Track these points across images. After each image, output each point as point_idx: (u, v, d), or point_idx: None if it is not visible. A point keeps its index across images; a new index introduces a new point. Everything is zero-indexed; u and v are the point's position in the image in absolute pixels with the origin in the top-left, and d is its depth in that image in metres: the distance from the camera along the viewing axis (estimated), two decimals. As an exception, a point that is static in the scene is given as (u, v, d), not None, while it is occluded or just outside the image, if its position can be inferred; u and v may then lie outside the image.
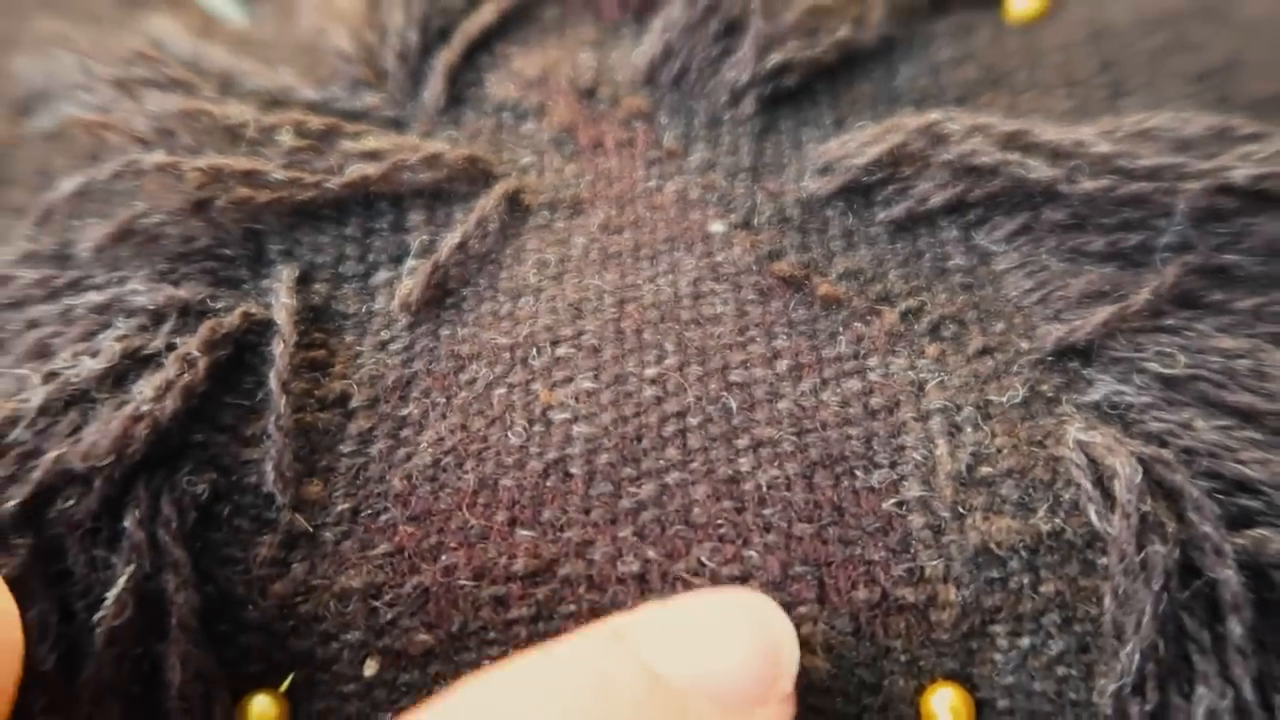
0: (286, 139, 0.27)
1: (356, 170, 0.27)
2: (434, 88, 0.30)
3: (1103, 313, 0.25)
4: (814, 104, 0.31)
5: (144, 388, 0.22)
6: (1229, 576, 0.21)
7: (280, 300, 0.25)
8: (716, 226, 0.28)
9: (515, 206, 0.28)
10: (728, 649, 0.19)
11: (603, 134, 0.30)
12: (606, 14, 0.33)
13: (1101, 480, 0.22)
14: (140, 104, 0.27)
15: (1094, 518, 0.22)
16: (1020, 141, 0.27)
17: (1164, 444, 0.23)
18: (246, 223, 0.27)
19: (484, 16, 0.31)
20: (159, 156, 0.25)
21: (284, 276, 0.26)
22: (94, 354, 0.23)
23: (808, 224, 0.28)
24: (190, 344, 0.23)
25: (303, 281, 0.26)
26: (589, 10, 0.33)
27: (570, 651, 0.19)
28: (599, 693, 0.17)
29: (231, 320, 0.24)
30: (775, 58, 0.30)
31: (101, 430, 0.22)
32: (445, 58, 0.31)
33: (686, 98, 0.31)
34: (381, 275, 0.27)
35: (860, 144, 0.28)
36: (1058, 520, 0.22)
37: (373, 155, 0.28)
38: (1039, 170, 0.26)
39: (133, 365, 0.23)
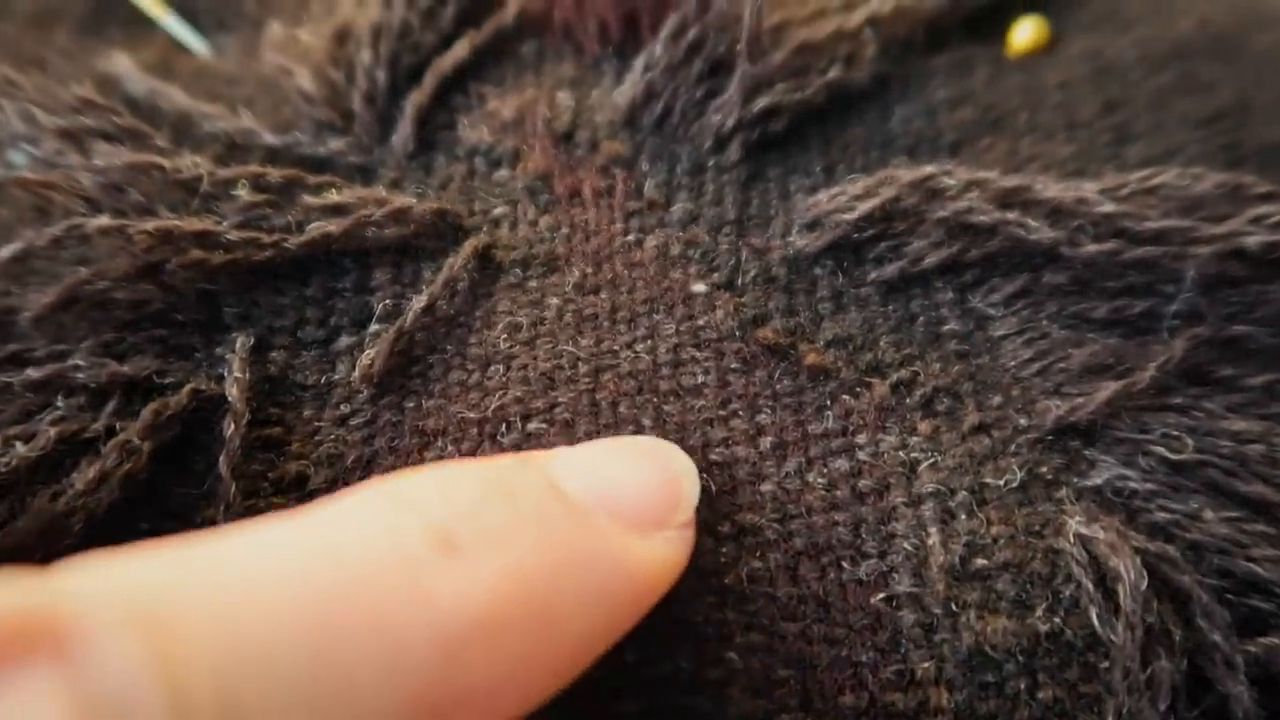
0: (243, 194, 0.26)
1: (317, 228, 0.25)
2: (403, 132, 0.29)
3: (1106, 390, 0.23)
4: (803, 149, 0.29)
5: (78, 479, 0.21)
6: (1240, 692, 0.19)
7: (233, 374, 0.24)
8: (698, 287, 0.26)
9: (486, 264, 0.27)
10: (630, 474, 0.20)
11: (580, 182, 0.28)
12: (587, 49, 0.31)
13: (1104, 580, 0.21)
14: (88, 157, 0.25)
15: (1096, 622, 0.21)
16: (1019, 198, 0.26)
17: (1170, 537, 0.22)
18: (200, 285, 0.25)
19: (457, 54, 0.30)
20: (104, 220, 0.24)
21: (238, 346, 0.24)
22: (28, 438, 0.22)
23: (795, 284, 0.26)
24: (132, 429, 0.22)
25: (259, 349, 0.25)
26: (569, 44, 0.31)
27: (479, 463, 0.20)
28: (502, 493, 0.18)
29: (179, 399, 0.23)
30: (762, 101, 0.28)
31: (29, 525, 0.20)
32: (416, 99, 0.29)
33: (669, 142, 0.29)
34: (344, 341, 0.25)
35: (851, 198, 0.27)
36: (1057, 620, 0.21)
37: (335, 210, 0.26)
38: (1039, 231, 0.25)
39: (70, 451, 0.22)
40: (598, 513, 0.19)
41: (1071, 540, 0.22)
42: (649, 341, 0.25)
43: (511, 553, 0.17)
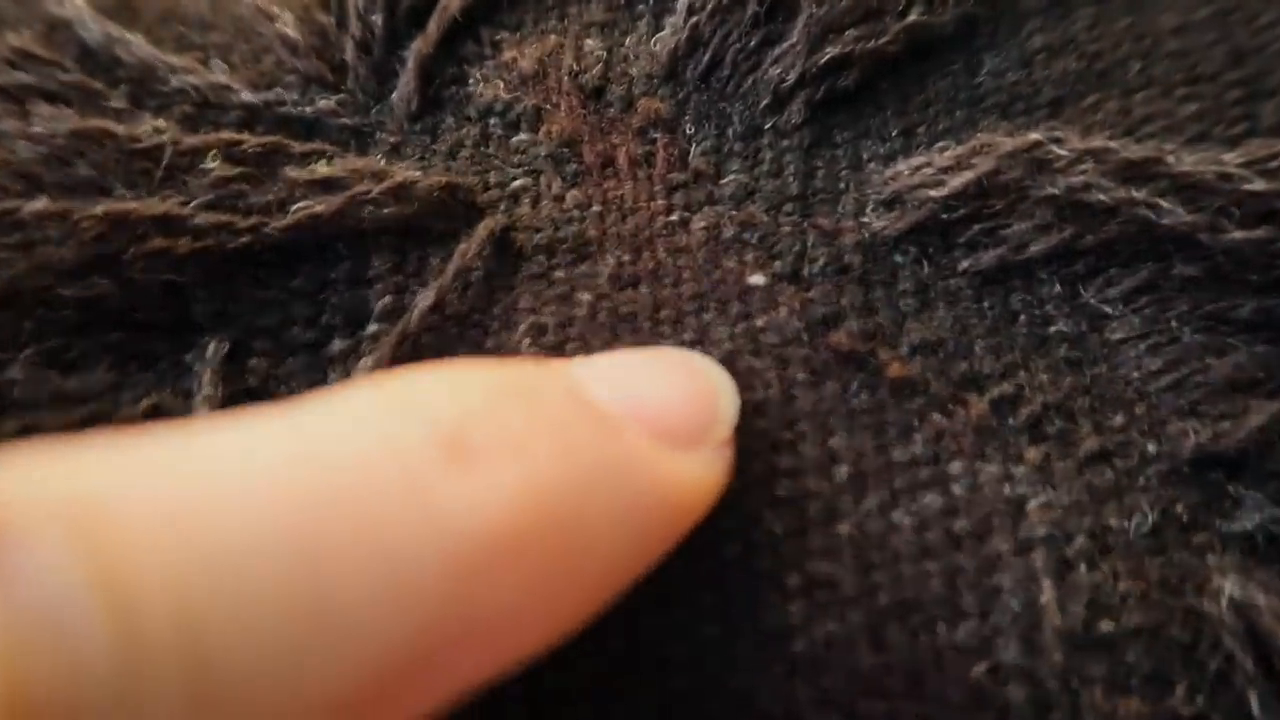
0: (214, 167, 0.21)
1: (303, 208, 0.21)
2: (405, 87, 0.24)
3: (1257, 413, 0.19)
4: (877, 108, 0.25)
5: None
6: None
7: (203, 389, 0.20)
8: (757, 278, 0.22)
9: (504, 250, 0.22)
10: (663, 384, 0.18)
11: (613, 148, 0.24)
12: (618, -14, 0.26)
13: (1267, 656, 0.17)
14: (26, 123, 0.21)
15: (1256, 707, 0.17)
16: (1147, 173, 0.21)
17: (1342, 600, 0.18)
18: (165, 277, 0.21)
19: (466, -8, 0.25)
20: (44, 202, 0.20)
21: (209, 353, 0.20)
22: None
23: (872, 275, 0.22)
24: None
25: (236, 355, 0.21)
26: (597, -20, 0.26)
27: (493, 365, 0.17)
28: (521, 396, 0.16)
29: (134, 417, 0.19)
30: (830, 51, 0.24)
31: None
32: (419, 47, 0.24)
33: (718, 99, 0.25)
34: (336, 345, 0.21)
35: (938, 170, 0.22)
36: (1201, 701, 0.17)
37: (325, 185, 0.22)
38: (1173, 214, 0.21)
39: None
40: (628, 424, 0.17)
41: (1223, 604, 0.18)
42: (698, 348, 0.21)
43: (531, 461, 0.15)
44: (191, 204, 0.21)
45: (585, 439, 0.16)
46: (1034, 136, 0.22)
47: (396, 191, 0.22)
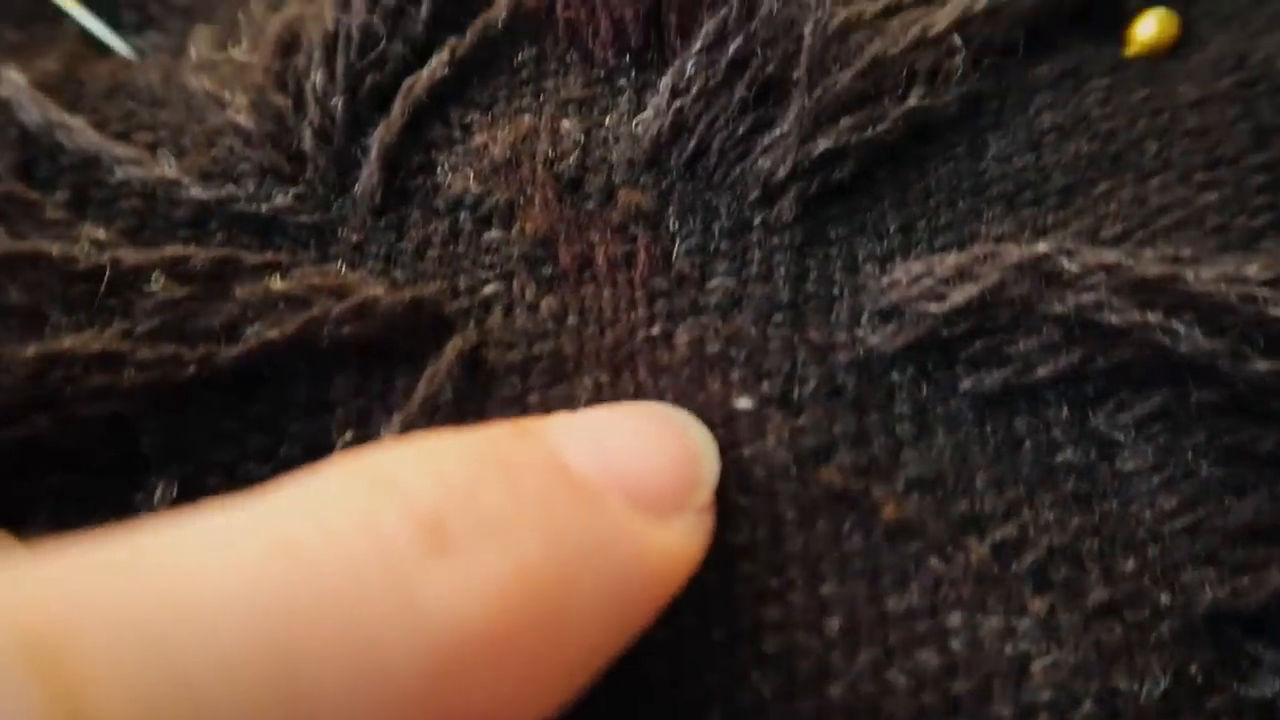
0: (159, 288, 0.20)
1: (255, 335, 0.20)
2: (368, 180, 0.23)
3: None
4: (873, 198, 0.23)
5: None
6: None
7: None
8: (743, 402, 0.21)
9: (475, 370, 0.21)
10: (644, 449, 0.18)
11: (591, 247, 0.22)
12: (598, 57, 0.24)
13: None
14: (-48, 245, 0.20)
15: None
16: (1163, 291, 0.20)
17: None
18: (110, 410, 0.20)
19: (434, 70, 0.23)
20: (-29, 345, 0.18)
21: (157, 498, 0.19)
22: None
23: (866, 398, 0.21)
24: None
25: (188, 492, 0.20)
26: (575, 51, 0.25)
27: (471, 434, 0.16)
28: (501, 472, 0.15)
29: None
30: (824, 142, 0.22)
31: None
32: (382, 135, 0.23)
33: (703, 189, 0.23)
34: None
35: (939, 281, 0.21)
36: None
37: (281, 302, 0.20)
38: (1191, 340, 0.19)
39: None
40: (610, 494, 0.16)
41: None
42: (681, 481, 0.20)
43: (514, 548, 0.14)
44: (136, 331, 0.20)
45: (568, 516, 0.16)
46: (1042, 248, 0.20)
47: (358, 310, 0.20)
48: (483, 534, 0.14)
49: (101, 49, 0.27)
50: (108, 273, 0.20)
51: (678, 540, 0.17)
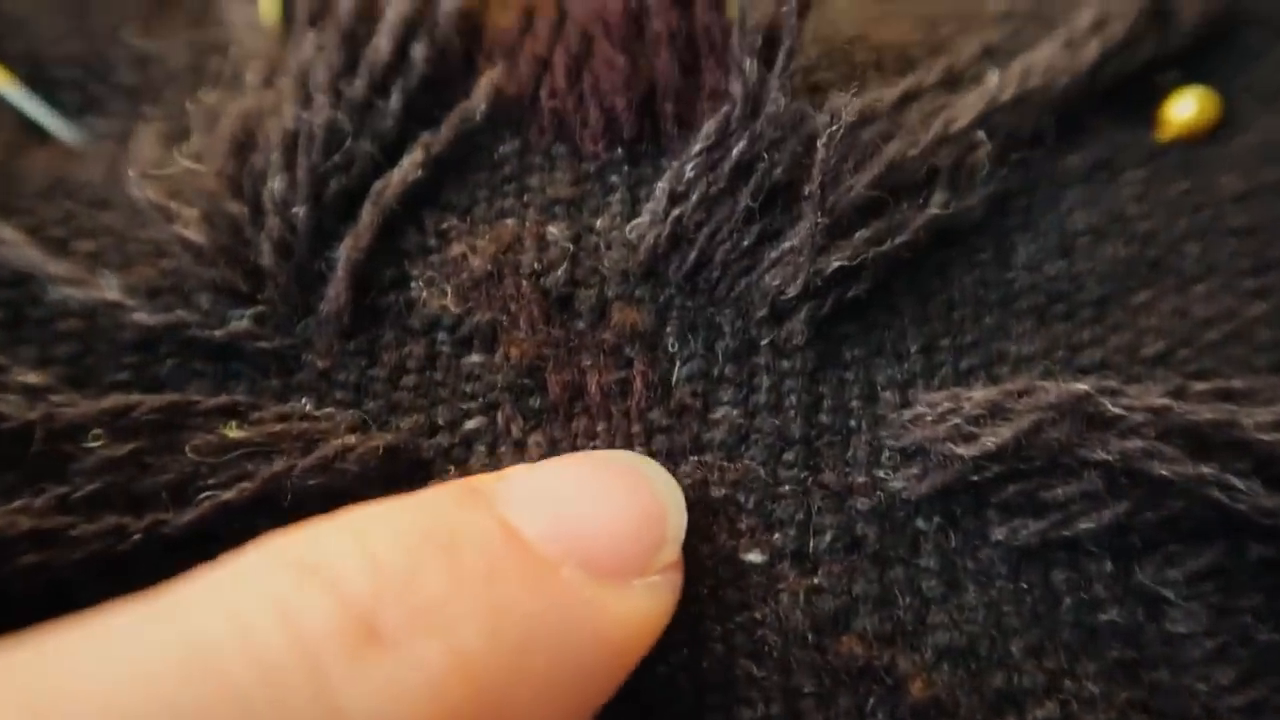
0: (99, 446, 0.18)
1: (209, 499, 0.18)
2: (335, 299, 0.20)
3: (1352, 763, 0.16)
4: (891, 313, 0.21)
5: None
6: None
7: None
8: (753, 555, 0.19)
9: (455, 523, 0.19)
10: (605, 509, 0.17)
11: (583, 375, 0.20)
12: (587, 149, 0.22)
13: None
14: None
15: None
16: (1220, 437, 0.18)
17: None
18: (48, 579, 0.17)
19: (407, 172, 0.21)
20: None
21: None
22: None
23: (889, 551, 0.19)
24: None
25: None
26: (562, 143, 0.22)
27: (414, 502, 0.16)
28: (443, 549, 0.14)
29: None
30: (838, 257, 0.20)
31: None
32: (350, 248, 0.21)
33: (706, 304, 0.21)
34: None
35: (967, 418, 0.19)
36: None
37: (240, 455, 0.18)
38: (1251, 496, 0.17)
39: None
40: (564, 564, 0.15)
41: None
42: (684, 650, 0.18)
43: (454, 637, 0.13)
44: (73, 497, 0.17)
45: (516, 595, 0.14)
46: (1082, 387, 0.18)
47: (326, 465, 0.18)
48: (419, 623, 0.13)
49: (39, 133, 0.24)
50: (38, 434, 0.18)
51: (640, 605, 0.16)
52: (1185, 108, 0.23)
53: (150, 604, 0.13)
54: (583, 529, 0.16)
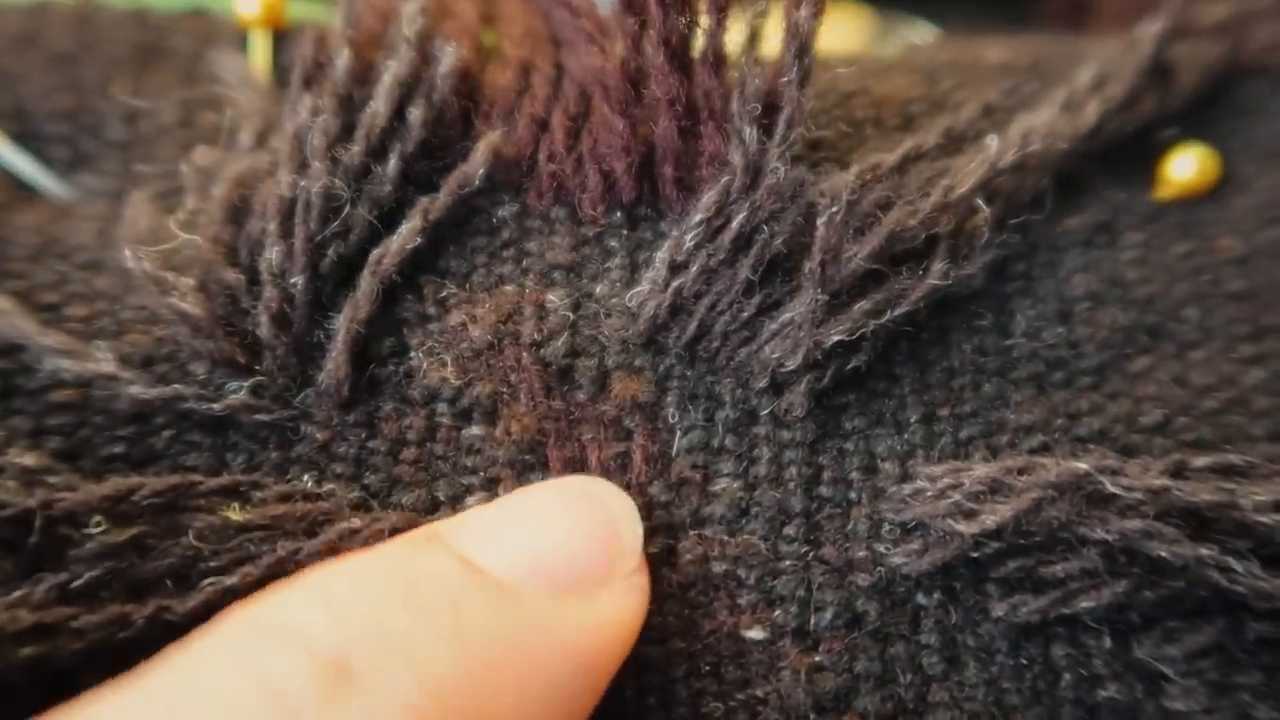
0: (99, 532, 0.18)
1: (214, 585, 0.18)
2: (334, 371, 0.20)
3: None
4: (891, 381, 0.21)
5: None
6: None
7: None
8: (754, 633, 0.19)
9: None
10: (559, 530, 0.17)
11: (583, 449, 0.20)
12: (586, 212, 0.22)
13: None
14: None
15: None
16: (1221, 518, 0.18)
17: None
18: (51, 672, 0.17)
19: (405, 238, 0.21)
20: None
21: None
22: None
23: (890, 627, 0.19)
24: None
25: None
26: (560, 206, 0.22)
27: (375, 555, 0.16)
28: (403, 590, 0.15)
29: None
30: (837, 331, 0.20)
31: None
32: (349, 318, 0.20)
33: (705, 373, 0.21)
34: None
35: (968, 495, 0.19)
36: None
37: (243, 537, 0.18)
38: (1250, 578, 0.17)
39: None
40: (525, 586, 0.16)
41: None
42: (689, 730, 0.18)
43: (423, 664, 0.14)
44: (73, 587, 0.17)
45: (480, 618, 0.15)
46: (1082, 467, 0.18)
47: (332, 548, 0.18)
48: (387, 657, 0.14)
49: (28, 190, 0.24)
50: (36, 522, 0.17)
51: (609, 611, 0.17)
52: (1185, 167, 0.23)
53: (132, 692, 0.14)
54: (538, 550, 0.17)
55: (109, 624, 0.17)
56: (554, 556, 0.17)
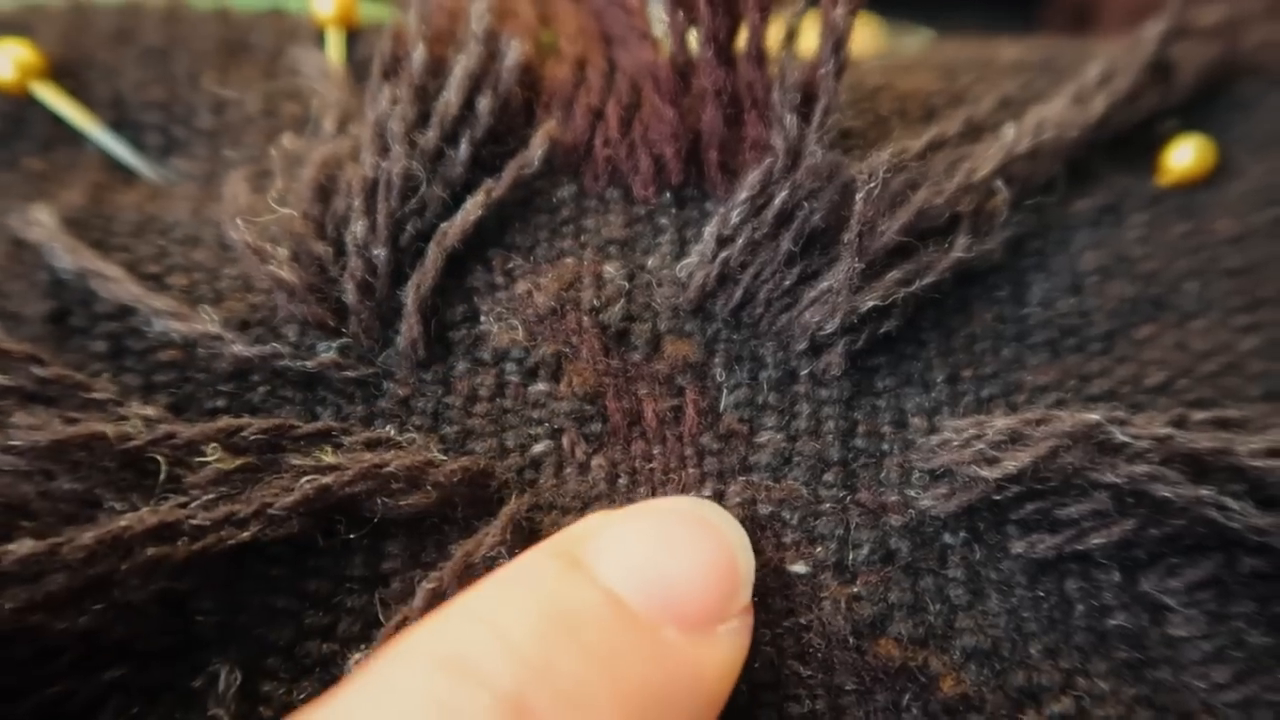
0: (214, 459, 0.20)
1: (310, 484, 0.20)
2: (410, 332, 0.22)
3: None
4: (919, 345, 0.23)
5: None
6: None
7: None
8: (798, 567, 0.21)
9: (528, 537, 0.21)
10: (686, 563, 0.18)
11: (639, 403, 0.22)
12: (639, 193, 0.24)
13: None
14: (4, 434, 0.19)
15: None
16: (1217, 466, 0.20)
17: None
18: (163, 588, 0.19)
19: (468, 214, 0.23)
20: (27, 545, 0.18)
21: (221, 686, 0.19)
22: None
23: (919, 562, 0.21)
24: None
25: (249, 681, 0.19)
26: (615, 188, 0.24)
27: (527, 582, 0.17)
28: (567, 631, 0.16)
29: None
30: (871, 298, 0.22)
31: None
32: (417, 285, 0.22)
33: (750, 337, 0.23)
34: (357, 657, 0.20)
35: (990, 444, 0.21)
36: None
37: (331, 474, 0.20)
38: (1244, 516, 0.19)
39: None
40: (662, 625, 0.17)
41: None
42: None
43: (594, 713, 0.15)
44: (190, 506, 0.19)
45: (634, 663, 0.16)
46: (1094, 418, 0.20)
47: (412, 482, 0.20)
48: (563, 705, 0.15)
49: (126, 173, 0.26)
50: (163, 452, 0.19)
51: (724, 651, 0.18)
52: (1184, 155, 0.25)
53: (315, 715, 0.14)
54: (671, 585, 0.18)
55: (221, 522, 0.19)
56: (685, 593, 0.18)
